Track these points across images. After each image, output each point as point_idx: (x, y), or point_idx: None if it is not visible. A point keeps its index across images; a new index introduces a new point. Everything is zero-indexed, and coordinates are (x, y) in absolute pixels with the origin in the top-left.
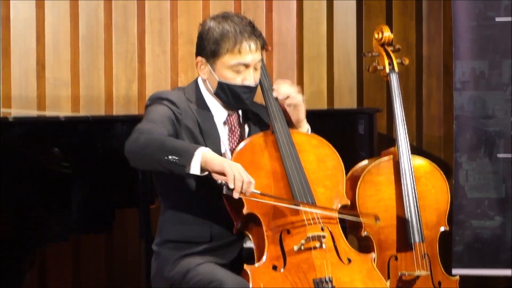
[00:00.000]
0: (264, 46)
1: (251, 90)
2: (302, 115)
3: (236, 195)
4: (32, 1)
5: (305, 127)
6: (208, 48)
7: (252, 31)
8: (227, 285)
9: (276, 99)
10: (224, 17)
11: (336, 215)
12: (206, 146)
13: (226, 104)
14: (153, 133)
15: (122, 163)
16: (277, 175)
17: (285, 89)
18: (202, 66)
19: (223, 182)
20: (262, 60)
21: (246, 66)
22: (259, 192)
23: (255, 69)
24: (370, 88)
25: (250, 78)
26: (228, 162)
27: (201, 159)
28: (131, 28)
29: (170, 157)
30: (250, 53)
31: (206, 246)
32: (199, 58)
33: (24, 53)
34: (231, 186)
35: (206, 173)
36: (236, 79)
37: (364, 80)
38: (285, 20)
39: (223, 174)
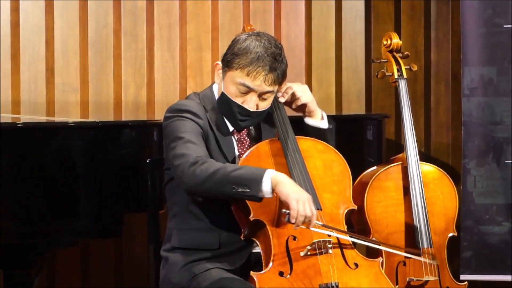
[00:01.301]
0: (281, 80)
1: (248, 114)
2: (313, 105)
3: (296, 228)
4: (42, 6)
5: (319, 114)
6: (227, 56)
7: (271, 63)
8: None
9: (283, 105)
10: (258, 35)
11: (397, 252)
12: (223, 155)
13: (223, 116)
14: (208, 163)
15: (130, 168)
16: None
17: (289, 88)
18: (219, 70)
19: (286, 211)
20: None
21: (250, 90)
22: (321, 223)
23: (263, 98)
24: (378, 94)
25: (250, 103)
26: (294, 193)
27: (271, 184)
28: (140, 34)
29: (238, 188)
30: (256, 81)
31: (215, 252)
32: (219, 62)
33: (33, 58)
34: (292, 221)
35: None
36: (237, 98)
37: (372, 86)
38: (293, 26)
39: (287, 204)
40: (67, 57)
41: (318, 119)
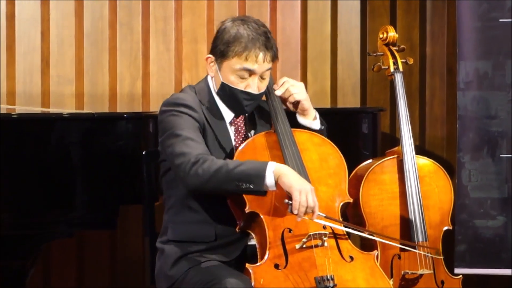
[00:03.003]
0: (275, 58)
1: (252, 97)
2: (307, 104)
3: (298, 219)
4: None
5: (312, 113)
6: (218, 47)
7: (265, 42)
8: (230, 284)
9: (279, 98)
10: (243, 20)
11: (386, 241)
12: (219, 148)
13: (226, 106)
14: (209, 161)
15: (126, 160)
16: None
17: (286, 82)
18: (211, 63)
19: (289, 202)
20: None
21: (251, 73)
22: (324, 215)
23: (262, 78)
24: (374, 88)
25: (253, 86)
26: (297, 184)
27: (273, 177)
28: (135, 26)
29: (242, 185)
30: (256, 63)
31: (210, 244)
32: (210, 55)
33: (28, 50)
34: (295, 212)
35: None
36: (239, 85)
37: (367, 79)
38: (289, 19)
39: (290, 194)
40: (63, 49)
41: (311, 119)
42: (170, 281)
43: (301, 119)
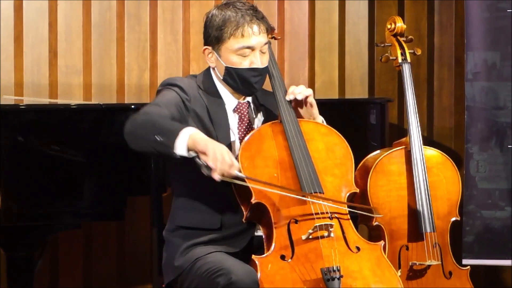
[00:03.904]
0: (269, 29)
1: (259, 72)
2: (316, 111)
3: (216, 176)
4: None
5: (320, 120)
6: (212, 35)
7: (254, 14)
8: (235, 274)
9: (285, 88)
10: (226, 4)
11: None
12: (216, 134)
13: (236, 90)
14: (151, 114)
15: (134, 151)
16: (285, 164)
17: (304, 90)
18: (209, 54)
19: (204, 162)
20: (269, 45)
21: (252, 49)
22: (244, 176)
23: (262, 52)
24: (381, 78)
25: (257, 61)
26: (212, 143)
27: (188, 139)
28: (143, 16)
29: (157, 137)
30: (253, 35)
31: (217, 235)
32: (206, 47)
33: (36, 41)
34: (212, 166)
35: (194, 155)
36: (243, 63)
37: (375, 70)
38: (297, 9)
39: (204, 153)
40: (70, 40)
41: None
42: (177, 271)
43: None
